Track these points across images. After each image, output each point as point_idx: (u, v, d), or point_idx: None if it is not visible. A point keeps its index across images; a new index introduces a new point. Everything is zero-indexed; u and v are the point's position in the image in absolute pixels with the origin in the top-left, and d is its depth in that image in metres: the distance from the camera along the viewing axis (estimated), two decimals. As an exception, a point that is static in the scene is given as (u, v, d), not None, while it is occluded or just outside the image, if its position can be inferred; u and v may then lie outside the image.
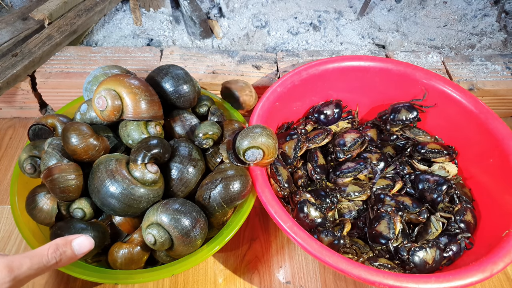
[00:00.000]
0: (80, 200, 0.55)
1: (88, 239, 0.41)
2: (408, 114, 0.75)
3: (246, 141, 0.56)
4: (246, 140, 0.56)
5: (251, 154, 0.56)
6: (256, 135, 0.56)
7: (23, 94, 0.83)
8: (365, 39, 1.04)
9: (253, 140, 0.56)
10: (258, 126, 0.58)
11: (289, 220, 0.54)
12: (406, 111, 0.76)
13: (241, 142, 0.57)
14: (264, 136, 0.56)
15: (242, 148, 0.56)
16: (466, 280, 0.50)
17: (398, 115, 0.76)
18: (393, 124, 0.77)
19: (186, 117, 0.64)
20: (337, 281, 0.66)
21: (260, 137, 0.56)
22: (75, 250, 0.40)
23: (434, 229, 0.64)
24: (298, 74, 0.74)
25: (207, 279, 0.65)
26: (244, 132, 0.57)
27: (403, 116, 0.76)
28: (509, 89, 0.86)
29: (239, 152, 0.57)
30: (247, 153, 0.56)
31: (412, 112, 0.75)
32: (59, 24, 0.87)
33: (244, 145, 0.56)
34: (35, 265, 0.37)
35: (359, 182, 0.72)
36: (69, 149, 0.54)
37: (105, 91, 0.56)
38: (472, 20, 1.09)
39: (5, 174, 0.78)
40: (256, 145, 0.56)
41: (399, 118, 0.76)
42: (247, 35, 1.02)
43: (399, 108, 0.76)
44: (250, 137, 0.56)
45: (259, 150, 0.56)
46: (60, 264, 0.39)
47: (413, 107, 0.76)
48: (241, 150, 0.57)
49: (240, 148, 0.57)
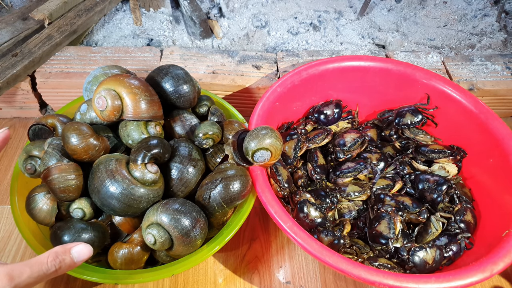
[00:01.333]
0: (80, 200, 0.55)
1: (86, 247, 0.41)
2: (413, 118, 0.75)
3: (254, 143, 0.57)
4: (255, 141, 0.57)
5: (260, 155, 0.57)
6: (265, 136, 0.57)
7: (23, 94, 0.83)
8: (365, 39, 1.04)
9: (262, 141, 0.57)
10: (265, 128, 0.59)
11: (289, 220, 0.54)
12: (411, 115, 0.75)
13: (250, 143, 0.57)
14: (273, 138, 0.57)
15: (252, 150, 0.57)
16: (466, 280, 0.50)
17: (403, 119, 0.76)
18: (398, 128, 0.77)
19: (186, 117, 0.64)
20: (337, 281, 0.66)
21: (269, 138, 0.57)
22: (74, 257, 0.40)
23: (434, 229, 0.64)
24: (298, 74, 0.74)
25: (207, 279, 0.65)
26: (253, 134, 0.58)
27: (408, 120, 0.75)
28: (509, 89, 0.86)
29: (247, 153, 0.58)
30: (256, 154, 0.57)
31: (417, 116, 0.75)
32: (59, 24, 0.87)
33: (253, 147, 0.57)
34: (35, 273, 0.37)
35: (359, 182, 0.72)
36: (69, 149, 0.54)
37: (105, 91, 0.56)
38: (472, 20, 1.09)
39: (5, 174, 0.78)
40: (265, 146, 0.57)
41: (404, 122, 0.76)
42: (247, 35, 1.02)
43: (404, 112, 0.76)
44: (259, 138, 0.57)
45: (268, 152, 0.57)
46: (60, 272, 0.40)
47: (417, 111, 0.75)
48: (250, 151, 0.57)
49: (249, 149, 0.57)
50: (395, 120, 0.76)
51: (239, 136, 0.61)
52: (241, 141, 0.60)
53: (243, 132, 0.61)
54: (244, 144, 0.58)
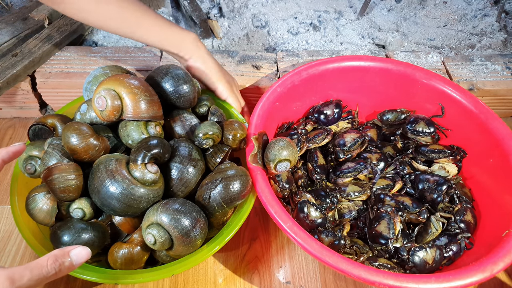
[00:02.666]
0: (80, 200, 0.55)
1: (85, 250, 0.42)
2: (425, 128, 0.75)
3: (277, 154, 0.61)
4: (278, 152, 0.61)
5: (285, 166, 0.62)
6: (285, 149, 0.61)
7: (23, 94, 0.83)
8: (365, 39, 1.04)
9: (283, 153, 0.61)
10: (283, 140, 0.62)
11: (289, 220, 0.54)
12: (424, 124, 0.75)
13: (273, 154, 0.61)
14: (291, 148, 0.62)
15: (276, 160, 0.61)
16: (466, 280, 0.50)
17: (416, 125, 0.75)
18: (408, 131, 0.76)
19: (186, 117, 0.64)
20: (337, 281, 0.66)
21: (287, 149, 0.61)
22: (73, 260, 0.41)
23: (434, 229, 0.64)
24: (298, 74, 0.74)
25: (207, 279, 0.65)
26: (275, 146, 0.62)
27: (421, 127, 0.75)
28: (509, 89, 0.86)
29: (271, 162, 0.62)
30: (279, 164, 0.61)
31: (430, 128, 0.74)
32: (59, 24, 0.87)
33: (277, 157, 0.61)
34: (35, 276, 0.38)
35: (359, 182, 0.72)
36: (69, 149, 0.54)
37: (105, 91, 0.56)
38: (472, 20, 1.09)
39: (5, 174, 0.78)
40: (287, 158, 0.61)
41: (415, 128, 0.75)
42: (247, 35, 1.02)
43: (419, 119, 0.75)
44: (281, 150, 0.61)
45: (288, 162, 0.62)
46: (60, 274, 0.40)
47: (432, 123, 0.75)
48: (274, 161, 0.61)
49: (273, 159, 0.61)
50: (408, 124, 0.76)
51: (263, 137, 0.65)
52: (264, 143, 0.64)
53: (265, 135, 0.65)
54: (268, 155, 0.62)
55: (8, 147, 0.47)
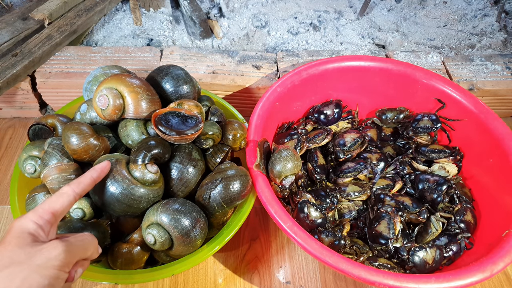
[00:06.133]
0: (80, 200, 0.55)
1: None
2: (430, 124, 0.75)
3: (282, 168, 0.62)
4: (282, 166, 0.62)
5: (290, 180, 0.62)
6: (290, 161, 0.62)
7: (23, 94, 0.83)
8: (365, 39, 1.04)
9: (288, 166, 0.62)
10: (287, 150, 0.63)
11: (289, 220, 0.54)
12: (429, 121, 0.75)
13: (278, 168, 0.62)
14: (295, 160, 0.62)
15: (283, 175, 0.62)
16: (466, 280, 0.50)
17: (419, 123, 0.75)
18: (413, 130, 0.76)
19: (186, 117, 0.64)
20: (337, 281, 0.66)
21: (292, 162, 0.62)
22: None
23: (434, 229, 0.64)
24: (298, 74, 0.74)
25: (207, 279, 0.65)
26: (281, 159, 0.62)
27: (425, 124, 0.75)
28: (509, 89, 0.86)
29: (277, 177, 0.62)
30: (285, 179, 0.62)
31: (436, 124, 0.74)
32: (59, 24, 0.87)
33: (283, 172, 0.62)
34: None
35: (359, 182, 0.72)
36: (69, 149, 0.54)
37: (107, 90, 0.55)
38: (472, 20, 1.09)
39: (5, 174, 0.78)
40: (293, 172, 0.62)
41: (419, 125, 0.75)
42: (247, 35, 1.02)
43: (424, 117, 0.76)
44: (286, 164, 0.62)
45: (293, 176, 0.63)
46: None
47: (438, 120, 0.75)
48: (281, 176, 0.62)
49: (280, 173, 0.62)
50: (413, 123, 0.76)
51: (264, 145, 0.65)
52: (266, 152, 0.65)
53: (266, 142, 0.66)
54: (274, 171, 0.62)
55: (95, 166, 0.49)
